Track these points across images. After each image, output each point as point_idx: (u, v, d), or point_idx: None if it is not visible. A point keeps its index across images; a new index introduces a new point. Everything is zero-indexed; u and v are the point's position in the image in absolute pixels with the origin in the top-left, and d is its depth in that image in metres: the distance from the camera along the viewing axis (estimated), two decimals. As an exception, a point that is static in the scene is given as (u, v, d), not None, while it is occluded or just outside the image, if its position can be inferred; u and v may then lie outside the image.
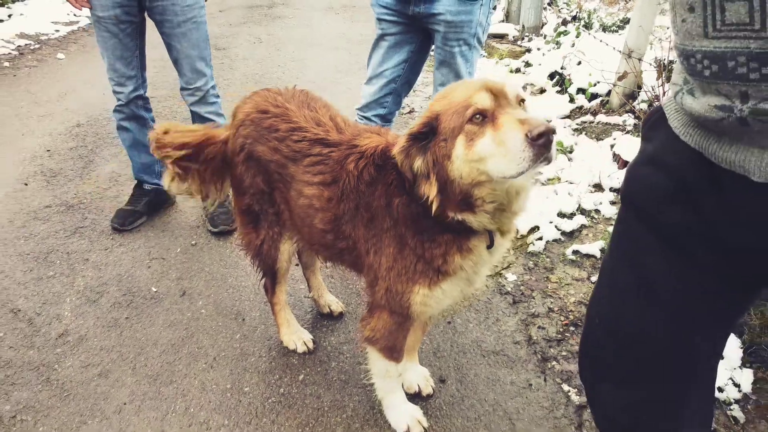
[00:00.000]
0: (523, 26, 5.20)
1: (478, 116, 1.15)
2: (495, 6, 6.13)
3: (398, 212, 1.36)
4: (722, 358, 1.62)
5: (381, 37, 2.43)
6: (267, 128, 1.60)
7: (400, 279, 1.43)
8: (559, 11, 5.43)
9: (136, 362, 1.96)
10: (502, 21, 5.61)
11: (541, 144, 1.06)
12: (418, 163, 1.25)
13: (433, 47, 2.44)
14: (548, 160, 1.09)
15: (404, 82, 2.52)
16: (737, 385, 1.86)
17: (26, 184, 3.11)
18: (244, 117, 1.66)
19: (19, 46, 5.57)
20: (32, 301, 2.24)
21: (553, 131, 1.07)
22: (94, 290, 2.31)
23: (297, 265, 2.29)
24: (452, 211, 1.26)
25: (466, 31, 2.31)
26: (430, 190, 1.25)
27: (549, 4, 5.93)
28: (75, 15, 6.71)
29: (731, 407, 1.81)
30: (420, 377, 1.86)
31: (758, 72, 0.71)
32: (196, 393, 1.85)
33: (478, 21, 2.33)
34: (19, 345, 2.03)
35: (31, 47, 5.59)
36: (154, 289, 2.33)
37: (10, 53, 5.36)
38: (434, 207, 1.25)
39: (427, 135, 1.24)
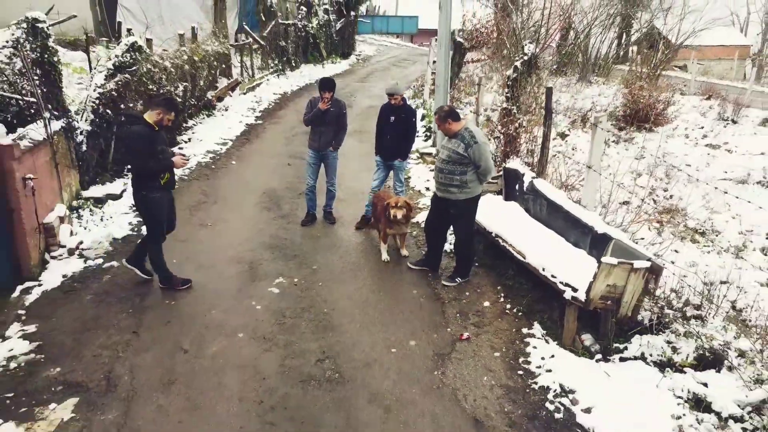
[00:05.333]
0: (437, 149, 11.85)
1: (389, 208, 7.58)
2: (428, 138, 13.76)
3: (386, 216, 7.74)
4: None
5: (378, 168, 8.88)
6: (382, 198, 8.03)
7: (385, 228, 7.83)
8: (456, 143, 12.12)
9: (328, 250, 8.24)
10: (432, 145, 12.26)
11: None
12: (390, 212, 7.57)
13: (392, 172, 8.94)
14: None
15: (383, 182, 8.97)
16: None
17: (260, 211, 9.46)
18: (379, 195, 8.13)
19: (211, 157, 12.07)
20: (286, 234, 8.51)
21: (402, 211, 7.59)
22: (303, 234, 8.61)
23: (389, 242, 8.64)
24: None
25: (402, 168, 8.84)
26: (394, 214, 7.60)
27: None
28: (223, 140, 13.31)
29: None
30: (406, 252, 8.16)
31: (436, 177, 7.12)
32: (348, 260, 8.11)
33: (406, 164, 8.89)
34: (287, 234, 8.30)
35: (216, 158, 12.10)
36: (319, 236, 8.64)
37: (209, 161, 11.84)
38: (391, 218, 7.63)
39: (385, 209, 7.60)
